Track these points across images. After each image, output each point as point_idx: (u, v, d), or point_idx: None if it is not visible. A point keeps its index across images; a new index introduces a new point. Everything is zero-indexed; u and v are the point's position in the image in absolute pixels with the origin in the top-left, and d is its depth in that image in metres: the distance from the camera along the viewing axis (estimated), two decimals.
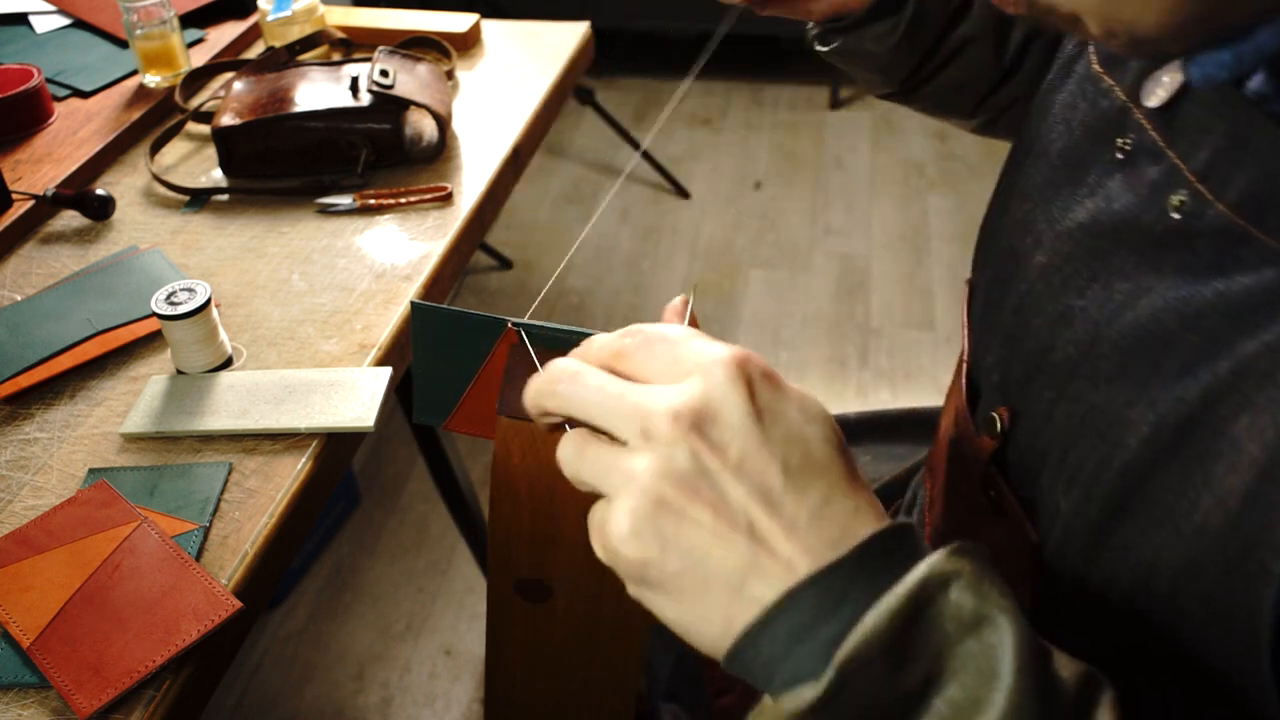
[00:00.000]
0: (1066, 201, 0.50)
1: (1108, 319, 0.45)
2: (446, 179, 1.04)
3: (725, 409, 0.37)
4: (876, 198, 2.60)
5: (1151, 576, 0.42)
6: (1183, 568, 0.40)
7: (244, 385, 0.77)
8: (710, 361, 0.38)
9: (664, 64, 3.24)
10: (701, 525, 0.37)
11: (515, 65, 1.26)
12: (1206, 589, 0.39)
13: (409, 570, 1.73)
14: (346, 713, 1.52)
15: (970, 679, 0.35)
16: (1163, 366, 0.42)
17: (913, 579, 0.35)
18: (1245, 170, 0.39)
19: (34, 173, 1.04)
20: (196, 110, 1.13)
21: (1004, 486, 0.52)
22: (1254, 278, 0.39)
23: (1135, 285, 0.44)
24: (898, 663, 0.35)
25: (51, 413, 0.78)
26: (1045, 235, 0.50)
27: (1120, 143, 0.47)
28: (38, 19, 1.34)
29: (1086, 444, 0.45)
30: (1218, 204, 0.40)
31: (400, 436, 1.96)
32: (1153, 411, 0.42)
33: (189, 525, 0.67)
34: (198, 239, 0.97)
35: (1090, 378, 0.45)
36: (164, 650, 0.59)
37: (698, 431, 0.37)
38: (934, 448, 0.67)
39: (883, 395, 2.06)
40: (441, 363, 0.61)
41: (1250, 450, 0.38)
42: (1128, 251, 0.45)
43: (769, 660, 0.36)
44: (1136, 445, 0.42)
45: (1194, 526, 0.40)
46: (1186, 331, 0.41)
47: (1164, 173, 0.43)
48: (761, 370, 0.39)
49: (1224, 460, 0.39)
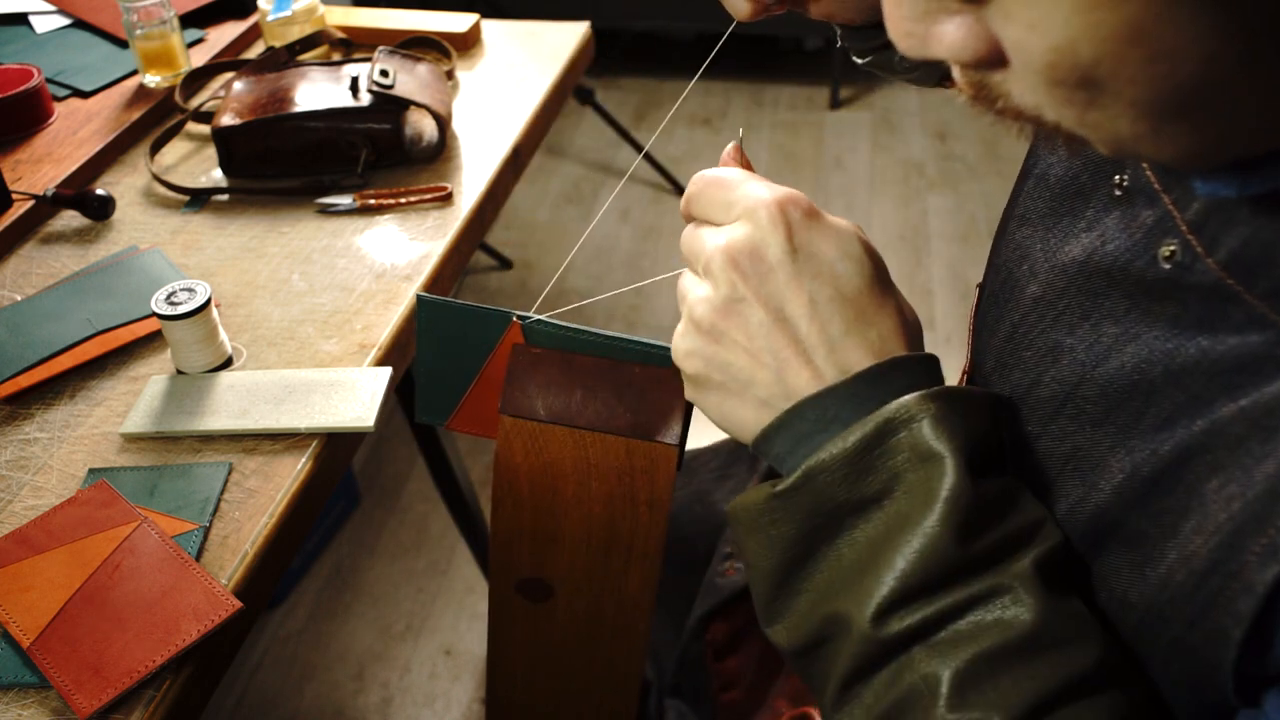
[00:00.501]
0: (1064, 233, 0.50)
1: (1095, 361, 0.45)
2: (446, 179, 1.04)
3: (766, 247, 0.45)
4: (876, 198, 2.60)
5: (1123, 612, 0.42)
6: (1149, 611, 0.41)
7: (244, 385, 0.77)
8: (756, 203, 0.45)
9: (664, 64, 3.24)
10: (737, 344, 0.46)
11: (515, 65, 1.26)
12: (1168, 639, 0.40)
13: (409, 570, 1.73)
14: (346, 713, 1.52)
15: (910, 500, 0.42)
16: (1144, 417, 0.42)
17: (884, 412, 0.43)
18: (1236, 231, 0.39)
19: (34, 173, 1.04)
20: (196, 110, 1.13)
21: None
22: (1239, 340, 0.39)
23: (1124, 331, 0.44)
24: (858, 474, 0.43)
25: (51, 413, 0.78)
26: (1040, 266, 0.50)
27: (1118, 179, 0.46)
28: (38, 19, 1.34)
29: (1066, 483, 0.45)
30: (1208, 259, 0.40)
31: (400, 436, 1.96)
32: (1129, 459, 0.42)
33: (189, 525, 0.67)
34: (198, 239, 0.97)
35: (1075, 418, 0.45)
36: (164, 650, 0.59)
37: (740, 268, 0.45)
38: None
39: None
40: (444, 359, 0.61)
41: (1217, 515, 0.38)
42: (1120, 295, 0.45)
43: (780, 455, 0.46)
44: (1110, 491, 0.43)
45: (1160, 578, 0.40)
46: (1170, 385, 0.41)
47: (1158, 218, 0.43)
48: (803, 210, 0.45)
49: (1192, 518, 0.39)
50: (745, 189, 0.46)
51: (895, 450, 0.43)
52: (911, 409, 0.43)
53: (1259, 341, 0.38)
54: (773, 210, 0.45)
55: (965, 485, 0.42)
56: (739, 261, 0.45)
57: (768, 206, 0.45)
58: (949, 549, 0.41)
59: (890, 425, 0.43)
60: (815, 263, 0.45)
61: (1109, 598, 0.43)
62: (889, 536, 0.42)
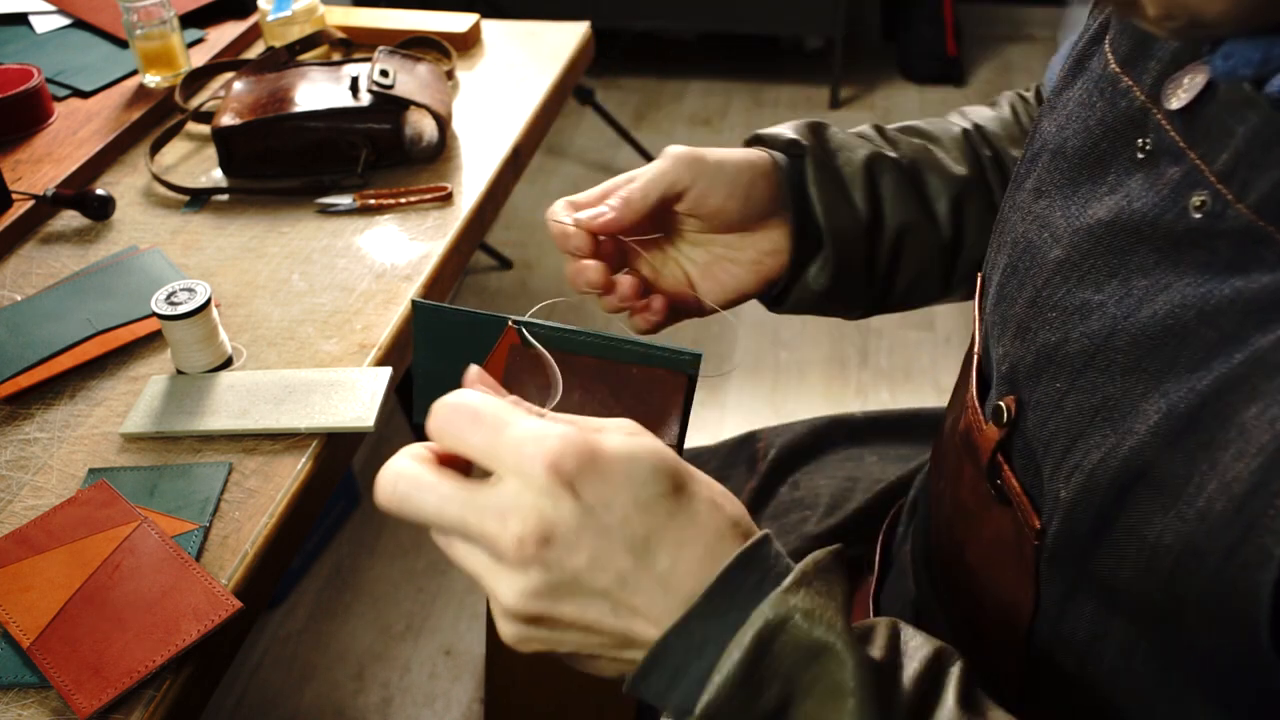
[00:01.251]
0: (1086, 198, 0.50)
1: (1126, 314, 0.45)
2: (446, 179, 1.04)
3: (559, 520, 0.40)
4: None
5: (1153, 560, 0.43)
6: (1184, 551, 0.41)
7: (244, 385, 0.77)
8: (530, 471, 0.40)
9: (664, 64, 3.24)
10: (573, 626, 0.42)
11: (515, 65, 1.26)
12: (1207, 573, 0.40)
13: (409, 570, 1.73)
14: (346, 713, 1.52)
15: (818, 701, 0.40)
16: (1179, 360, 0.42)
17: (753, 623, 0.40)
18: (1266, 172, 0.40)
19: (34, 173, 1.04)
20: (196, 110, 1.13)
21: (1009, 475, 0.53)
22: (1272, 276, 0.39)
23: (1154, 282, 0.44)
24: (754, 693, 0.40)
25: (51, 413, 0.78)
26: (1063, 231, 0.51)
27: (1141, 142, 0.47)
28: (38, 19, 1.34)
29: (1096, 434, 0.46)
30: (1238, 205, 0.41)
31: (400, 436, 1.96)
32: (1165, 400, 0.42)
33: (189, 525, 0.67)
34: (198, 239, 0.97)
35: (1105, 369, 0.46)
36: (164, 650, 0.59)
37: (540, 554, 0.40)
38: (938, 442, 0.67)
39: (882, 395, 2.06)
40: (442, 362, 0.61)
41: (1259, 437, 0.38)
42: (1148, 249, 0.45)
43: (659, 692, 0.42)
44: (1145, 433, 0.43)
45: (1197, 511, 0.40)
46: (1204, 327, 0.41)
47: (1185, 173, 0.44)
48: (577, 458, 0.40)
49: (1232, 447, 0.39)
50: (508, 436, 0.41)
51: (781, 656, 0.41)
52: (780, 609, 0.41)
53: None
54: (549, 476, 0.40)
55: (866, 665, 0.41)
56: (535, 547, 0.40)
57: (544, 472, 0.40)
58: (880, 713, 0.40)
59: (766, 631, 0.40)
60: (617, 509, 0.41)
61: (1140, 549, 0.43)
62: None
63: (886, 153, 0.72)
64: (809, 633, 0.41)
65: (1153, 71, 0.48)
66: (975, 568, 0.58)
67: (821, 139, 0.71)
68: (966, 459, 0.58)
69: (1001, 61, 3.24)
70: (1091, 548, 0.46)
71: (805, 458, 0.91)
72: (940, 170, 0.73)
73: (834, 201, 0.69)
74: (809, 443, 0.92)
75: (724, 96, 3.10)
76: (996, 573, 0.55)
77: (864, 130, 0.74)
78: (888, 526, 0.80)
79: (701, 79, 3.19)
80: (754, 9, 2.93)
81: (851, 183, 0.70)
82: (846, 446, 0.92)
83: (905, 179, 0.72)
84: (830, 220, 0.69)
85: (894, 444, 0.92)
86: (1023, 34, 3.37)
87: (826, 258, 0.70)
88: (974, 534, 0.58)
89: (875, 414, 0.95)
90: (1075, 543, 0.47)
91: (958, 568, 0.61)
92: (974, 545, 0.58)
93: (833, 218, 0.69)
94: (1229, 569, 0.39)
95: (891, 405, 2.04)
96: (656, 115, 3.00)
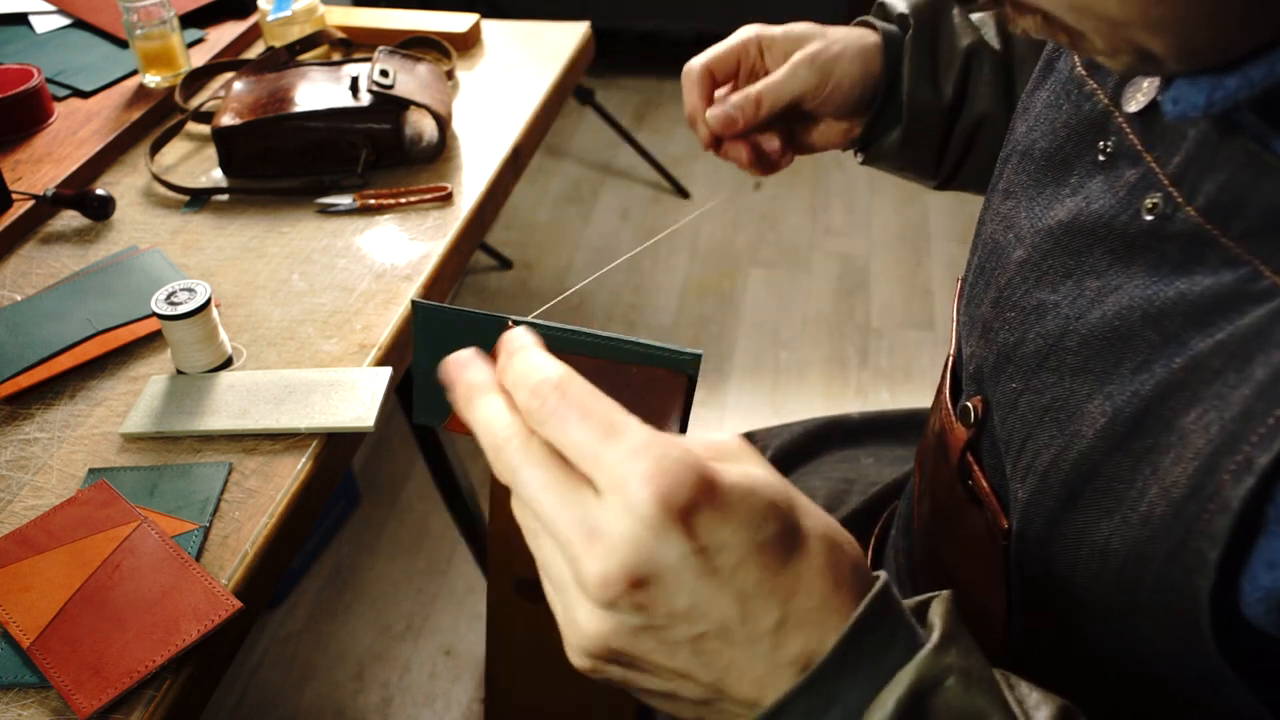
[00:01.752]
0: (1048, 200, 0.51)
1: (1078, 314, 0.46)
2: (446, 179, 1.04)
3: (663, 561, 0.34)
4: (876, 198, 2.60)
5: (1104, 562, 0.43)
6: (1130, 555, 0.42)
7: (244, 385, 0.77)
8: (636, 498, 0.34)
9: (664, 64, 3.23)
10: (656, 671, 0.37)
11: (515, 65, 1.26)
12: (1151, 578, 0.41)
13: (409, 570, 1.73)
14: (346, 713, 1.52)
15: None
16: (1123, 362, 0.43)
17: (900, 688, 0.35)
18: (1213, 177, 0.40)
19: (34, 173, 1.04)
20: (196, 110, 1.13)
21: (979, 475, 0.53)
22: (1214, 279, 0.40)
23: (1106, 283, 0.45)
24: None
25: (51, 413, 0.78)
26: (1026, 232, 0.52)
27: (1102, 145, 0.48)
28: (38, 19, 1.34)
29: (1045, 434, 0.46)
30: (1187, 207, 0.41)
31: (400, 436, 1.96)
32: (1110, 404, 0.43)
33: (189, 525, 0.67)
34: (198, 239, 0.97)
35: (1056, 370, 0.47)
36: (164, 650, 0.59)
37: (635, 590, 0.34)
38: (921, 443, 0.68)
39: (882, 395, 2.06)
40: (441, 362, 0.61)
41: (1195, 442, 0.39)
42: (1103, 250, 0.46)
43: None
44: (1092, 436, 0.44)
45: (1140, 516, 0.41)
46: (1148, 329, 0.42)
47: (1141, 175, 0.45)
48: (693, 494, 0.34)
49: (1172, 451, 0.40)
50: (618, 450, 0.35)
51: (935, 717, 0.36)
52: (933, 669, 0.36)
53: (1232, 279, 0.39)
54: (657, 508, 0.34)
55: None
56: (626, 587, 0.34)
57: (649, 502, 0.34)
58: None
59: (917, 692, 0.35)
60: (730, 554, 0.35)
61: (1090, 552, 0.44)
62: None
63: (993, 44, 0.74)
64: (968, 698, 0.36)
65: (1115, 78, 0.49)
66: (952, 569, 0.59)
67: (935, 17, 0.74)
68: (941, 460, 0.59)
69: None
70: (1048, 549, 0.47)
71: (801, 459, 0.91)
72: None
73: (922, 83, 0.73)
74: (805, 444, 0.92)
75: None
76: (971, 574, 0.56)
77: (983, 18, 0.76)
78: (881, 528, 0.80)
79: None
80: (754, 9, 2.93)
81: (947, 68, 0.73)
82: (842, 448, 0.92)
83: (1003, 71, 0.74)
84: (913, 98, 0.73)
85: (890, 445, 0.92)
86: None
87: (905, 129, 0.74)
88: (950, 535, 0.58)
89: (872, 415, 0.95)
90: (1033, 545, 0.47)
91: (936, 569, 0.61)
92: (950, 546, 0.59)
93: (916, 96, 0.73)
94: (1172, 573, 0.40)
95: (891, 405, 2.05)
96: (656, 115, 3.00)
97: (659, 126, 2.94)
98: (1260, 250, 0.38)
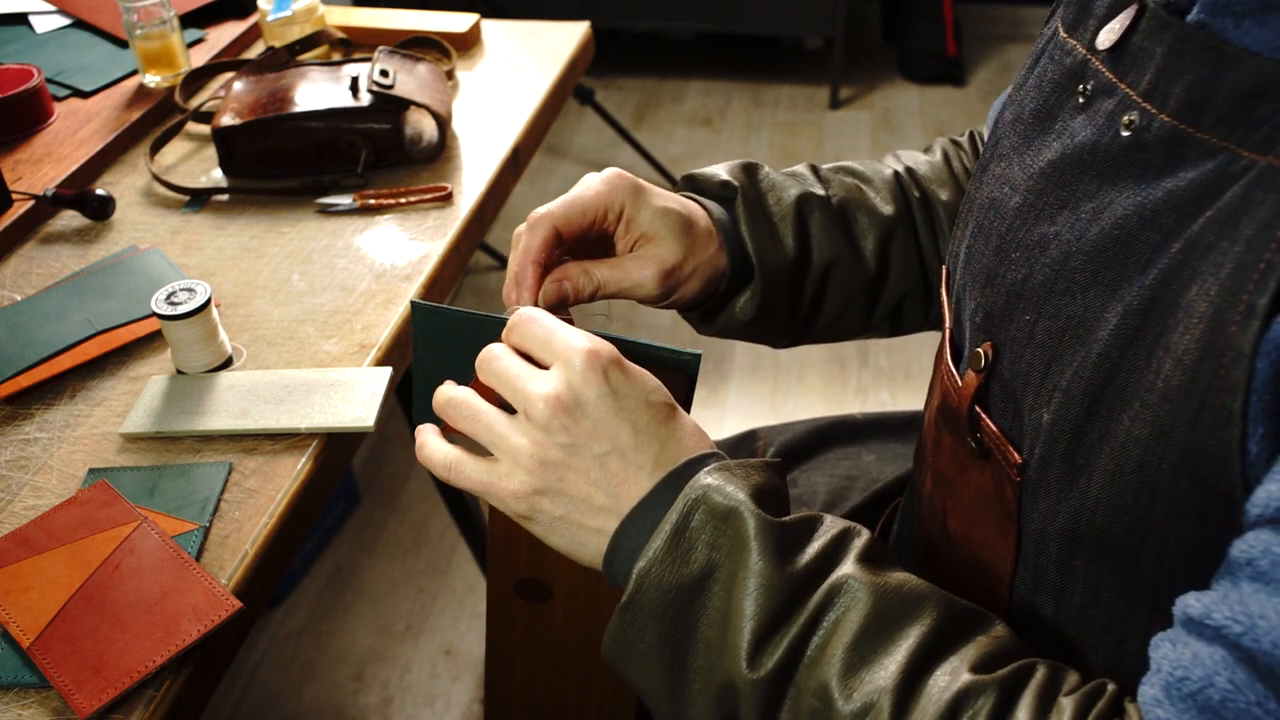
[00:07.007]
0: (1038, 148, 0.54)
1: (1078, 236, 0.49)
2: (446, 179, 1.04)
3: (585, 392, 0.50)
4: None
5: (1123, 457, 0.45)
6: (1151, 438, 0.44)
7: (244, 385, 0.77)
8: (572, 351, 0.51)
9: (664, 64, 3.24)
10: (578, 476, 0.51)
11: (515, 65, 1.26)
12: (1174, 454, 0.43)
13: (409, 570, 1.73)
14: (346, 713, 1.52)
15: (730, 556, 0.48)
16: (1128, 266, 0.46)
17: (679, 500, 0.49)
18: (1181, 81, 0.44)
19: (34, 173, 1.04)
20: (196, 110, 1.13)
21: (987, 423, 0.55)
22: (1196, 171, 0.43)
23: (1099, 203, 0.48)
24: (680, 559, 0.49)
25: (51, 413, 0.78)
26: (1020, 180, 0.55)
27: (1081, 88, 0.51)
28: (38, 19, 1.34)
29: (1067, 353, 0.49)
30: (1161, 115, 0.45)
31: (400, 436, 1.96)
32: (1121, 305, 0.46)
33: (189, 525, 0.67)
34: (198, 239, 0.97)
35: (1067, 291, 0.49)
36: (164, 650, 0.59)
37: (566, 413, 0.50)
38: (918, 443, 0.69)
39: (882, 395, 2.06)
40: (441, 363, 0.61)
41: (1199, 308, 0.42)
42: (1090, 175, 0.49)
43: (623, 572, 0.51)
44: (1106, 338, 0.46)
45: (1158, 393, 0.43)
46: (1146, 230, 0.45)
47: (1117, 103, 0.48)
48: (611, 359, 0.51)
49: (1179, 326, 0.43)
50: (562, 335, 0.52)
51: (700, 525, 0.49)
52: (698, 486, 0.50)
53: (1213, 166, 0.43)
54: (587, 359, 0.50)
55: (765, 520, 0.48)
56: (568, 408, 0.50)
57: (582, 356, 0.50)
58: (777, 576, 0.47)
59: (687, 506, 0.49)
60: (630, 398, 0.51)
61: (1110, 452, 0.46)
62: (731, 595, 0.48)
63: (816, 191, 0.73)
64: (718, 501, 0.49)
65: (1092, 29, 0.52)
66: (957, 534, 0.60)
67: (754, 180, 0.72)
68: (946, 429, 0.60)
69: (1001, 61, 3.24)
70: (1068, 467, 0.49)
71: (804, 456, 0.92)
72: (869, 209, 0.75)
73: (764, 240, 0.71)
74: (809, 442, 0.92)
75: (724, 96, 3.10)
76: (978, 531, 0.57)
77: (798, 170, 0.76)
78: (883, 524, 0.80)
79: (701, 79, 3.19)
80: (754, 9, 2.93)
81: (781, 222, 0.72)
82: (846, 446, 0.93)
83: (834, 217, 0.74)
84: (760, 257, 0.70)
85: (893, 443, 0.92)
86: (1023, 34, 3.37)
87: (755, 290, 0.71)
88: (955, 499, 0.60)
89: (876, 416, 0.96)
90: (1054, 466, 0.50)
91: (941, 540, 0.62)
92: (956, 511, 0.60)
93: (763, 255, 0.70)
94: (1196, 438, 0.42)
95: (891, 405, 2.05)
96: (656, 115, 3.00)
97: (659, 126, 2.95)
98: (1234, 135, 0.42)
